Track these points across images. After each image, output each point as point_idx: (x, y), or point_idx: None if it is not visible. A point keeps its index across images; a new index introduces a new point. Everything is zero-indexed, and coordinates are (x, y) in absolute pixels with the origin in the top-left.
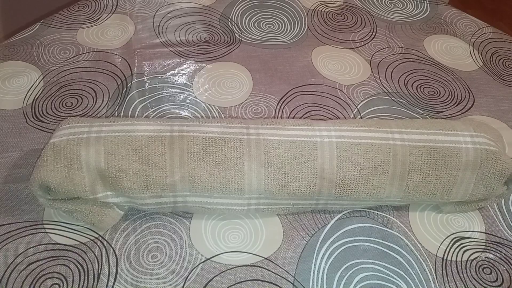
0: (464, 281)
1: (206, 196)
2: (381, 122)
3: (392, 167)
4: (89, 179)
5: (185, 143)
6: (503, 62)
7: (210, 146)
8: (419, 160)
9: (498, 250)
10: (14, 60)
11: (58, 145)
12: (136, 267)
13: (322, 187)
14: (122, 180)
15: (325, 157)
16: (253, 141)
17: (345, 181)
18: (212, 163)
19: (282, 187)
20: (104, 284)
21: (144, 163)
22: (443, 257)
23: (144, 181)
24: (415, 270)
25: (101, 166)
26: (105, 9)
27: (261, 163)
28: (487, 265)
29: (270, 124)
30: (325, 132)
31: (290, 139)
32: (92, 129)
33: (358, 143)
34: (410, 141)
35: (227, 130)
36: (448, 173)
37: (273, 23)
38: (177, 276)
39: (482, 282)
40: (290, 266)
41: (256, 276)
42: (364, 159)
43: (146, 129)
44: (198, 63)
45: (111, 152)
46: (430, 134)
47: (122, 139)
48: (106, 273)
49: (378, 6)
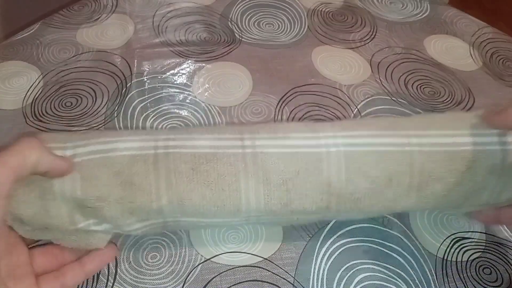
0: (464, 282)
1: (198, 217)
2: (396, 122)
3: (409, 177)
4: (66, 209)
5: (171, 161)
6: (503, 62)
7: (200, 164)
8: (440, 168)
9: (498, 250)
10: (14, 60)
11: None
12: (136, 267)
13: (330, 203)
14: (102, 209)
15: (332, 170)
16: (249, 156)
17: (356, 196)
18: (203, 183)
19: (284, 205)
20: (103, 285)
21: (127, 187)
22: (443, 258)
23: (128, 208)
24: (415, 270)
25: (77, 196)
26: (105, 9)
27: (259, 180)
28: (487, 265)
29: (268, 133)
30: (331, 140)
31: (291, 151)
32: (66, 152)
33: (369, 152)
34: (429, 146)
35: (219, 143)
36: (472, 180)
37: (273, 23)
38: (177, 277)
39: (482, 282)
40: (290, 266)
41: (256, 276)
42: (377, 170)
43: (127, 146)
44: (198, 63)
45: (88, 178)
46: (452, 136)
47: (99, 161)
48: (106, 273)
49: (378, 6)
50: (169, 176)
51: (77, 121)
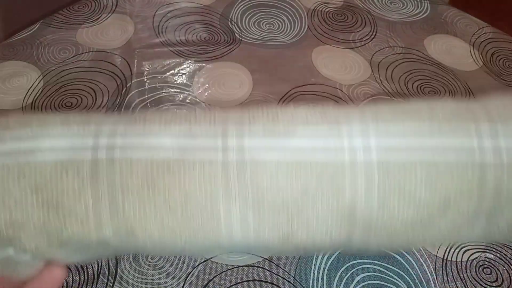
0: (464, 281)
1: (160, 251)
2: (460, 107)
3: (476, 201)
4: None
5: (117, 173)
6: (503, 62)
7: (159, 176)
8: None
9: (498, 250)
10: (14, 60)
11: None
12: (136, 267)
13: (352, 234)
14: (19, 239)
15: (358, 188)
16: (233, 164)
17: (392, 228)
18: (163, 206)
19: (284, 238)
20: (103, 285)
21: (51, 210)
22: (443, 257)
23: (55, 239)
24: (415, 270)
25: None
26: (105, 9)
27: (248, 202)
28: (487, 265)
29: (264, 123)
30: (359, 140)
31: (297, 158)
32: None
33: (419, 162)
34: (509, 151)
35: (189, 142)
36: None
37: (273, 22)
38: (177, 277)
39: (482, 282)
40: (290, 266)
41: (256, 276)
42: (428, 189)
43: (54, 145)
44: (198, 62)
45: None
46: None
47: (14, 170)
48: (106, 273)
49: (378, 5)
50: (115, 195)
51: None
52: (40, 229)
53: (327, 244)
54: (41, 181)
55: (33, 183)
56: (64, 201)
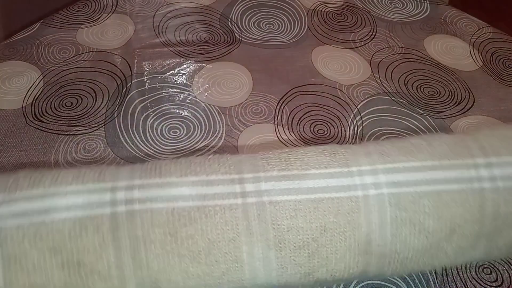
0: (464, 281)
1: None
2: (456, 145)
3: (478, 225)
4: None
5: (138, 225)
6: (503, 62)
7: (181, 226)
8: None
9: None
10: (14, 60)
11: None
12: None
13: (368, 267)
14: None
15: (372, 222)
16: (253, 208)
17: (405, 255)
18: (187, 255)
19: (305, 276)
20: None
21: (73, 271)
22: None
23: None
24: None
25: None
26: (105, 9)
27: (269, 244)
28: (487, 265)
29: (279, 169)
30: (370, 178)
31: (313, 197)
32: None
33: (425, 193)
34: (505, 179)
35: (207, 191)
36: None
37: (273, 23)
38: None
39: (482, 282)
40: None
41: None
42: (435, 219)
43: (71, 203)
44: (198, 63)
45: (14, 259)
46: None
47: (30, 231)
48: None
49: (378, 6)
50: (137, 248)
51: (77, 121)
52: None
53: (346, 277)
54: (60, 241)
55: (51, 244)
56: (85, 259)
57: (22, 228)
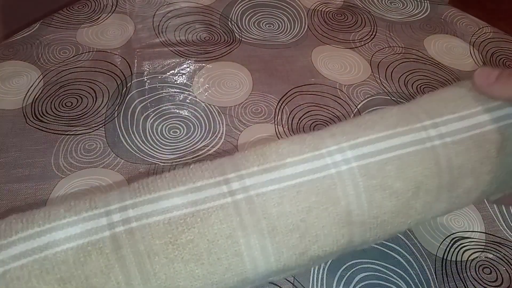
0: (464, 281)
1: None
2: (405, 114)
3: (437, 179)
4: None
5: (139, 240)
6: (503, 62)
7: (180, 233)
8: (468, 159)
9: (498, 250)
10: (14, 60)
11: None
12: None
13: (352, 236)
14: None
15: (349, 195)
16: (242, 203)
17: (382, 218)
18: (191, 258)
19: (299, 255)
20: None
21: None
22: (442, 257)
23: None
24: (415, 270)
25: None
26: (105, 9)
27: (263, 232)
28: (487, 265)
29: (258, 165)
30: (338, 155)
31: (294, 183)
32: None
33: (387, 159)
34: (451, 134)
35: (198, 197)
36: (504, 163)
37: (273, 23)
38: None
39: (482, 282)
40: None
41: None
42: (400, 180)
43: (69, 235)
44: (198, 62)
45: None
46: (472, 116)
47: (34, 267)
48: None
49: (378, 6)
50: (142, 262)
51: (78, 121)
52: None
53: (335, 250)
54: (66, 271)
55: (59, 275)
56: (94, 283)
57: (27, 266)
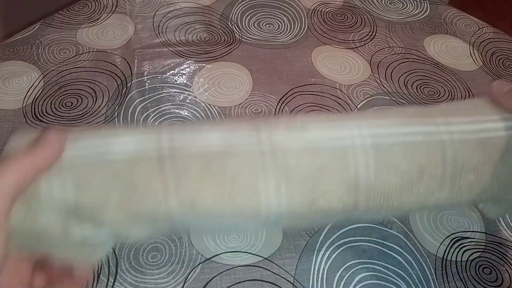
0: (464, 281)
1: (213, 220)
2: (421, 110)
3: (441, 168)
4: (57, 218)
5: (179, 160)
6: (503, 62)
7: (213, 161)
8: (473, 157)
9: (498, 250)
10: (14, 60)
11: None
12: (136, 267)
13: (357, 200)
14: (102, 215)
15: (359, 164)
16: (267, 151)
17: (386, 191)
18: (218, 182)
19: (309, 204)
20: (104, 284)
21: (129, 191)
22: (443, 257)
23: (131, 213)
24: (415, 270)
25: (70, 202)
26: (105, 9)
27: (280, 177)
28: (487, 265)
29: (286, 126)
30: (356, 131)
31: (313, 145)
32: None
33: (398, 142)
34: (459, 133)
35: (232, 141)
36: (507, 167)
37: (273, 23)
38: (177, 276)
39: (482, 282)
40: (290, 266)
41: (256, 276)
42: (406, 162)
43: (124, 149)
44: (198, 63)
45: (83, 181)
46: (482, 122)
47: (95, 163)
48: (106, 273)
49: (378, 6)
50: (178, 176)
51: (78, 121)
52: (119, 206)
53: (340, 208)
54: (119, 168)
55: (113, 172)
56: (138, 183)
57: (89, 161)
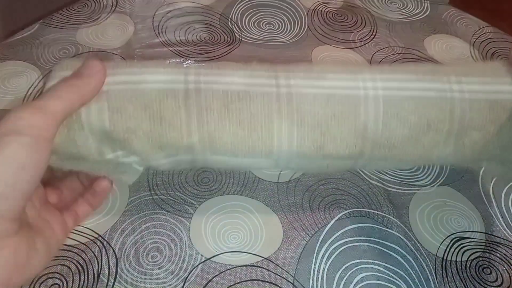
0: (464, 281)
1: (229, 155)
2: (436, 67)
3: (448, 124)
4: (93, 140)
5: (203, 98)
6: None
7: (232, 101)
8: (480, 116)
9: (498, 250)
10: (14, 60)
11: None
12: (136, 267)
13: (364, 148)
14: (132, 142)
15: (369, 114)
16: (283, 95)
17: (392, 142)
18: (235, 121)
19: (317, 148)
20: (104, 284)
21: (156, 122)
22: (443, 257)
23: (157, 142)
24: (415, 270)
25: (106, 127)
26: (105, 9)
27: (293, 121)
28: (487, 265)
29: (304, 72)
30: (370, 83)
31: (327, 92)
32: None
33: (409, 96)
34: (470, 92)
35: (252, 81)
36: (510, 129)
37: (273, 23)
38: (177, 276)
39: (482, 282)
40: (290, 266)
41: (256, 276)
42: (415, 116)
43: (156, 79)
44: (198, 63)
45: (117, 109)
46: (494, 83)
47: (128, 93)
48: (106, 273)
49: (378, 5)
50: (201, 113)
51: None
52: (147, 135)
53: (347, 154)
54: (149, 101)
55: (143, 103)
56: (165, 115)
57: (124, 90)
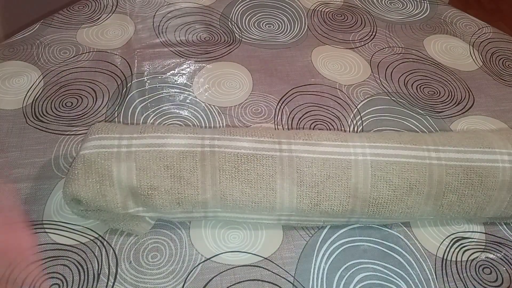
0: (464, 281)
1: (237, 212)
2: (417, 137)
3: (427, 187)
4: (121, 195)
5: (216, 160)
6: (503, 62)
7: (242, 163)
8: (456, 180)
9: (498, 250)
10: (14, 60)
11: (88, 158)
12: (136, 267)
13: (355, 206)
14: (154, 198)
15: (359, 176)
16: (285, 159)
17: (379, 201)
18: (244, 181)
19: (314, 205)
20: (104, 284)
21: (176, 180)
22: (443, 257)
23: (176, 199)
24: (415, 270)
25: (133, 184)
26: (105, 9)
27: (294, 181)
28: (487, 265)
29: (303, 139)
30: (360, 150)
31: (323, 157)
32: (122, 142)
33: (393, 162)
34: (446, 160)
35: (258, 146)
36: (484, 193)
37: (273, 23)
38: (177, 276)
39: (482, 282)
40: (290, 266)
41: (256, 276)
42: (399, 178)
43: (177, 143)
44: (198, 63)
45: (143, 169)
46: (467, 152)
47: (153, 154)
48: (106, 273)
49: (378, 6)
50: (214, 173)
51: (78, 121)
52: (168, 192)
53: (340, 211)
54: (170, 162)
55: (165, 163)
56: (183, 175)
57: (149, 152)
